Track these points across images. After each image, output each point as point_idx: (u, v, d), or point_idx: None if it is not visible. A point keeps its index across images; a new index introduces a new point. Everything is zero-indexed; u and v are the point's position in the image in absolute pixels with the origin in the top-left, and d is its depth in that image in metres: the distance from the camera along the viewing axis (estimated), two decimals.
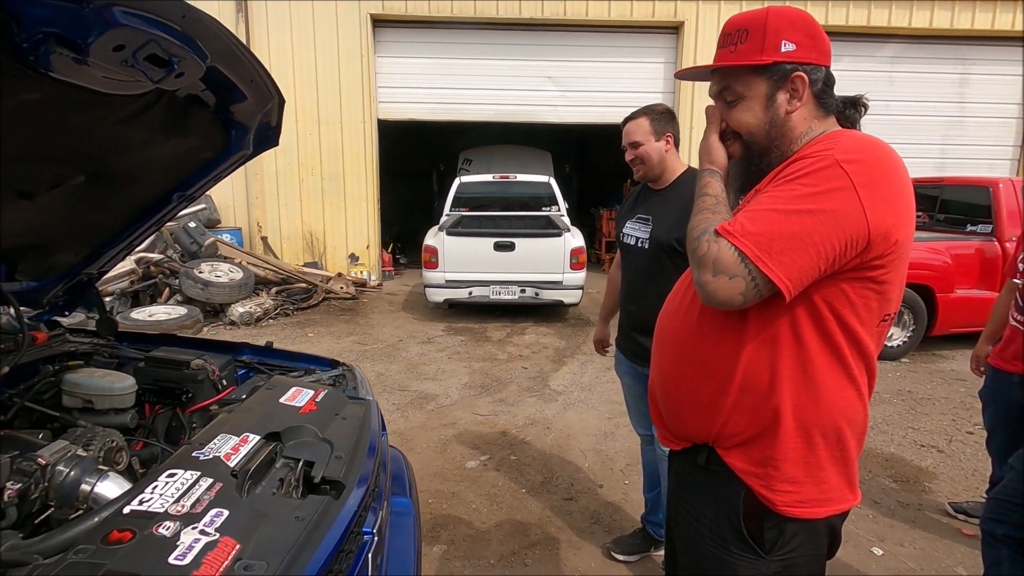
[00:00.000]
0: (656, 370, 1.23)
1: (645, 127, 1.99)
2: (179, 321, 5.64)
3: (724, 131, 1.13)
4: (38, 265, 1.69)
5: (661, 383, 1.19)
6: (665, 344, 1.18)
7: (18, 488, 1.04)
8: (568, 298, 6.44)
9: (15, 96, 1.03)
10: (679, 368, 1.12)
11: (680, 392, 1.12)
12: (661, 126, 1.99)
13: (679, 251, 1.93)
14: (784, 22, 1.03)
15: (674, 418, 1.17)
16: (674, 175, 2.04)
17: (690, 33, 8.43)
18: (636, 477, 3.01)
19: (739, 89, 1.07)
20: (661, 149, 2.00)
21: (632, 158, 2.04)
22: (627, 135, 2.04)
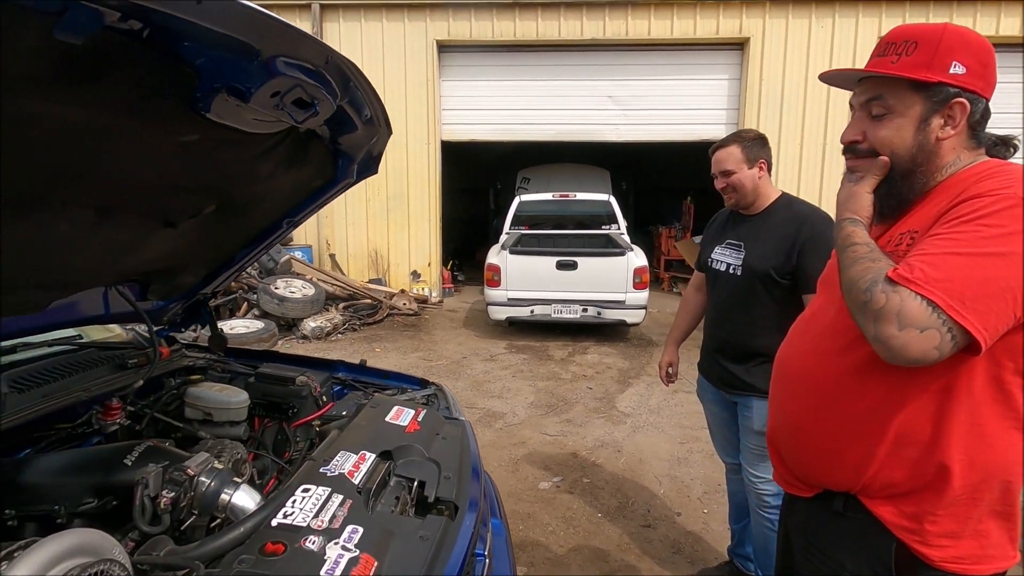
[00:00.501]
0: (781, 413, 1.17)
1: (737, 155, 1.95)
2: (257, 335, 5.94)
3: (857, 144, 1.05)
4: (166, 286, 1.84)
5: (790, 428, 1.14)
6: (797, 387, 1.12)
7: (172, 497, 1.12)
8: (631, 318, 6.36)
9: (179, 137, 1.14)
10: (817, 414, 1.06)
11: (818, 439, 1.06)
12: (754, 152, 1.96)
13: (775, 280, 1.89)
14: (959, 42, 0.95)
15: (806, 465, 1.11)
16: (767, 201, 2.00)
17: (756, 49, 8.27)
18: (715, 506, 2.91)
19: (891, 102, 0.99)
20: (754, 176, 1.96)
21: (724, 186, 2.00)
22: (717, 163, 2.00)
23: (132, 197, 1.28)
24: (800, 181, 8.42)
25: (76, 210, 1.18)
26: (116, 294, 1.70)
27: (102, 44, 0.81)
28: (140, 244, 1.48)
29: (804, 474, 1.12)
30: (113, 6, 0.74)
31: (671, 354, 2.45)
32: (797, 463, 1.13)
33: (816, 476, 1.09)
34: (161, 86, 0.96)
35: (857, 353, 0.99)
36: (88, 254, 1.34)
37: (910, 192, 1.01)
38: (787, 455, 1.16)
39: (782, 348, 1.23)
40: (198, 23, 0.81)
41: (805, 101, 8.28)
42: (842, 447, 1.02)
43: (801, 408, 1.10)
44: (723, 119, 8.65)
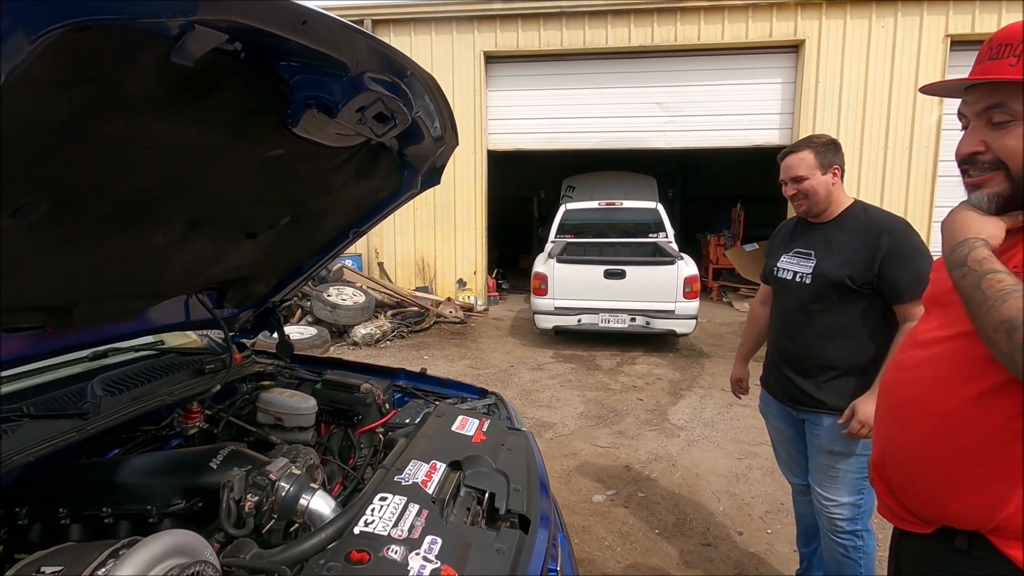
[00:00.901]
0: (892, 442, 1.08)
1: (810, 160, 1.87)
2: (311, 341, 6.12)
3: (978, 156, 0.96)
4: (241, 294, 1.91)
5: (903, 458, 1.05)
6: (912, 414, 1.03)
7: (255, 500, 1.15)
8: (681, 328, 6.21)
9: (266, 152, 1.18)
10: (939, 445, 0.98)
11: (938, 473, 0.98)
12: (827, 158, 1.88)
13: (851, 289, 1.80)
14: None
15: (923, 499, 1.03)
16: (840, 208, 1.92)
17: (811, 51, 8.00)
18: (779, 526, 2.79)
19: (1017, 108, 0.89)
20: (828, 183, 1.88)
21: (794, 193, 1.92)
22: (788, 169, 1.92)
23: (220, 210, 1.33)
24: (860, 187, 8.07)
25: (171, 223, 1.24)
26: (196, 302, 1.78)
27: (210, 66, 0.85)
28: (223, 254, 1.54)
29: (920, 509, 1.04)
30: (224, 29, 0.78)
31: (740, 370, 2.36)
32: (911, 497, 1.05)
33: (935, 512, 1.01)
34: (258, 104, 1.00)
35: (989, 382, 0.90)
36: (177, 264, 1.41)
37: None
38: (899, 487, 1.07)
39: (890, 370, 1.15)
40: (300, 42, 0.84)
41: (865, 104, 7.95)
42: (970, 483, 0.94)
43: (918, 438, 1.01)
44: (776, 124, 8.39)
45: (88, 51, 0.66)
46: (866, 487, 1.85)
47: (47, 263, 1.04)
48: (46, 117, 0.70)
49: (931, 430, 0.99)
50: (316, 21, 0.81)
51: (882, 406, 1.14)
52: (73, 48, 0.63)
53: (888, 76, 7.90)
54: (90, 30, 0.63)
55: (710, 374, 5.60)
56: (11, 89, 0.60)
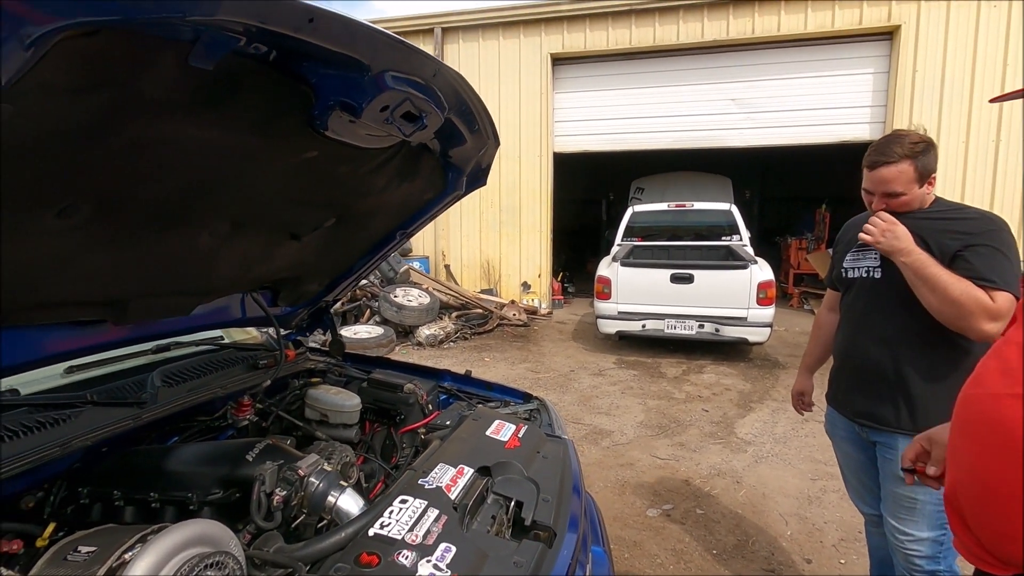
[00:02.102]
0: (968, 469, 0.94)
1: (909, 175, 1.60)
2: (377, 340, 6.33)
3: None
4: (293, 293, 1.98)
5: (981, 488, 0.91)
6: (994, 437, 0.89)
7: (284, 495, 1.18)
8: (754, 336, 5.86)
9: (300, 155, 1.21)
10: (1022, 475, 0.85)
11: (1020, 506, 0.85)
12: (927, 167, 1.62)
13: None
14: None
15: (1000, 537, 0.89)
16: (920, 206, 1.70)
17: (908, 38, 7.33)
18: (855, 557, 2.55)
19: None
20: (923, 195, 1.65)
21: (883, 207, 1.67)
22: (882, 183, 1.65)
23: (262, 211, 1.38)
24: (966, 184, 7.29)
25: (214, 224, 1.30)
26: (251, 300, 1.87)
27: (230, 68, 0.87)
28: (270, 254, 1.60)
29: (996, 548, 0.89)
30: (238, 32, 0.79)
31: (803, 382, 2.17)
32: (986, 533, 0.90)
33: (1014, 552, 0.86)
34: (282, 105, 1.02)
35: None
36: (225, 263, 1.48)
37: None
38: (974, 522, 0.92)
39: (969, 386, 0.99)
40: (313, 42, 0.84)
41: (972, 93, 7.17)
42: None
43: (1002, 466, 0.86)
44: (867, 117, 7.76)
45: (101, 56, 0.68)
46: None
47: (97, 261, 1.11)
48: (68, 122, 0.74)
49: (1010, 455, 0.84)
50: (324, 19, 0.81)
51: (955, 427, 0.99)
52: (84, 53, 0.66)
53: (1002, 60, 7.08)
54: (100, 35, 0.65)
55: (785, 386, 5.24)
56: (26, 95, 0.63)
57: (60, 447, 1.18)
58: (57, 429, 1.21)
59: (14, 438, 1.14)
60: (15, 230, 0.89)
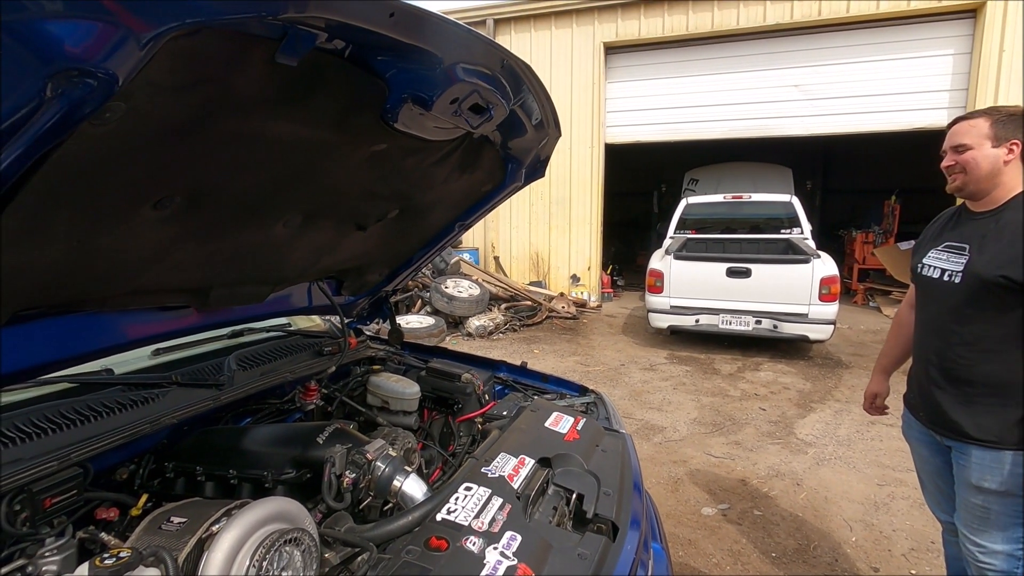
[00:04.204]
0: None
1: (982, 128, 1.55)
2: (429, 330, 6.44)
3: None
4: (356, 283, 2.04)
5: None
6: None
7: (353, 477, 1.22)
8: (815, 334, 5.61)
9: (370, 147, 1.24)
10: None
11: None
12: (1007, 130, 1.53)
13: (1012, 290, 1.48)
14: None
15: None
16: (1009, 194, 1.57)
17: (995, 16, 6.77)
18: (927, 568, 2.42)
19: None
20: (998, 158, 1.54)
21: (951, 164, 1.61)
22: (953, 136, 1.61)
23: (332, 203, 1.43)
24: None
25: (289, 215, 1.35)
26: (317, 289, 1.94)
27: (312, 64, 0.90)
28: (336, 245, 1.65)
29: None
30: (320, 28, 0.81)
31: (878, 384, 2.05)
32: None
33: None
34: (359, 100, 1.05)
35: None
36: (297, 254, 1.54)
37: None
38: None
39: None
40: (390, 36, 0.86)
41: None
42: None
43: None
44: (945, 102, 7.24)
45: (201, 55, 0.72)
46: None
47: (186, 250, 1.17)
48: (171, 117, 0.78)
49: None
50: (403, 14, 0.82)
51: None
52: (186, 53, 0.69)
53: None
54: (200, 34, 0.69)
55: (848, 387, 5.00)
56: (135, 93, 0.67)
57: (150, 424, 1.26)
58: (147, 407, 1.29)
59: (110, 414, 1.22)
60: (115, 220, 0.96)
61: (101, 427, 1.18)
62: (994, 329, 1.54)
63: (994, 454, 1.54)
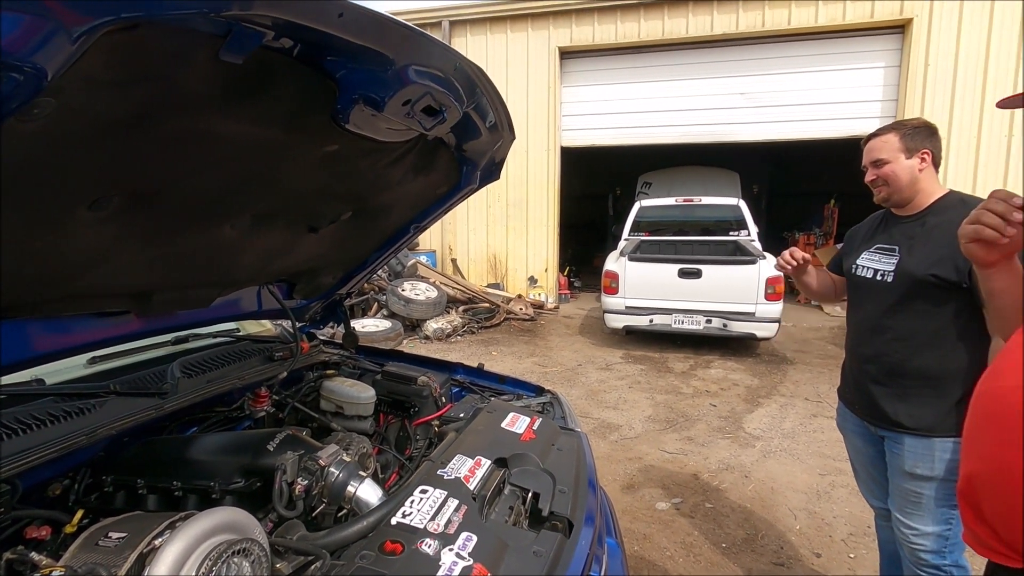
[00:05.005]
0: (990, 460, 0.95)
1: (893, 143, 1.70)
2: (385, 333, 6.35)
3: None
4: (309, 286, 2.00)
5: (1000, 478, 0.93)
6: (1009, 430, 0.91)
7: (305, 484, 1.20)
8: (761, 331, 5.86)
9: (322, 148, 1.22)
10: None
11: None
12: (915, 142, 1.68)
13: (940, 289, 1.60)
14: None
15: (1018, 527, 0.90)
16: (929, 199, 1.70)
17: (920, 32, 7.25)
18: (865, 551, 2.56)
19: None
20: (913, 168, 1.68)
21: (873, 179, 1.75)
22: (869, 152, 1.76)
23: (283, 205, 1.40)
24: (977, 180, 7.23)
25: (238, 217, 1.32)
26: (267, 293, 1.88)
27: (259, 63, 0.88)
28: (288, 248, 1.61)
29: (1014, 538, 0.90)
30: (267, 26, 0.80)
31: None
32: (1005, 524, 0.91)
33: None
34: (308, 100, 1.03)
35: None
36: (246, 256, 1.49)
37: None
38: (991, 513, 0.94)
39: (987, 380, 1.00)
40: (340, 36, 0.85)
41: (985, 87, 7.10)
42: None
43: (1013, 456, 0.88)
44: (877, 112, 7.69)
45: (140, 50, 0.70)
46: (955, 516, 1.64)
47: (126, 253, 1.12)
48: (108, 114, 0.75)
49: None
50: (353, 14, 0.82)
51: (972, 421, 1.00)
52: (124, 48, 0.67)
53: (1015, 55, 7.00)
54: (139, 29, 0.66)
55: (793, 381, 5.24)
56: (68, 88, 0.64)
57: (86, 436, 1.20)
58: (82, 418, 1.23)
59: (41, 427, 1.16)
60: (47, 221, 0.91)
61: (30, 441, 1.12)
62: (926, 324, 1.65)
63: (926, 442, 1.65)
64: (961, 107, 7.23)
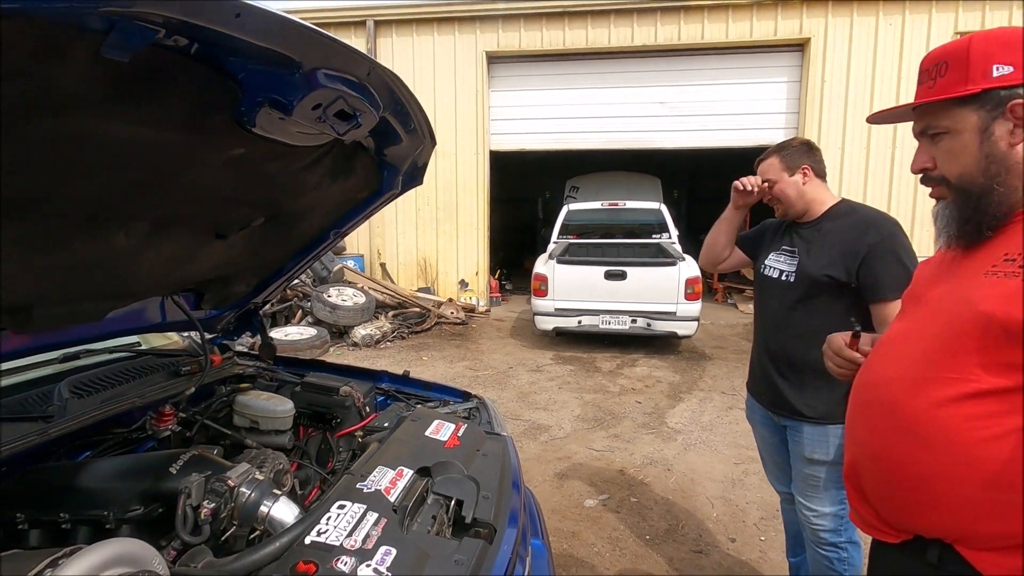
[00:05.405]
0: (865, 446, 1.05)
1: (776, 165, 1.90)
2: (310, 342, 6.12)
3: (928, 171, 1.02)
4: (219, 295, 1.89)
5: (874, 462, 1.02)
6: (883, 418, 1.00)
7: (212, 507, 1.13)
8: (682, 330, 6.15)
9: (226, 151, 1.16)
10: (907, 449, 0.95)
11: (907, 477, 0.95)
12: (794, 160, 1.87)
13: (834, 287, 1.75)
14: (995, 45, 0.92)
15: (893, 506, 0.99)
16: (823, 208, 1.88)
17: (817, 50, 7.90)
18: (773, 533, 2.74)
19: (944, 124, 0.97)
20: (797, 184, 1.88)
21: (769, 198, 1.95)
22: (761, 175, 1.95)
23: (185, 210, 1.31)
24: (867, 188, 7.96)
25: (133, 224, 1.22)
26: (172, 303, 1.76)
27: (150, 61, 0.82)
28: (193, 255, 1.52)
29: (891, 516, 1.00)
30: (157, 22, 0.75)
31: None
32: (883, 504, 1.01)
33: (905, 519, 0.98)
34: (208, 101, 0.97)
35: (958, 385, 0.88)
36: (144, 266, 1.39)
37: (996, 209, 0.92)
38: (871, 494, 1.04)
39: (862, 372, 1.11)
40: (238, 36, 0.81)
41: (872, 103, 7.84)
42: (938, 488, 0.90)
43: (888, 442, 0.98)
44: (782, 123, 8.31)
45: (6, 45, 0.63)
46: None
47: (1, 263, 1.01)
48: None
49: (899, 432, 0.96)
50: (252, 15, 0.78)
51: (852, 409, 1.11)
52: None
53: (896, 74, 7.80)
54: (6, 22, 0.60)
55: (711, 376, 5.53)
56: None
57: None
58: None
59: None
60: None
61: None
62: (821, 321, 1.78)
63: (822, 429, 1.80)
64: (852, 121, 7.94)
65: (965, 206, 0.96)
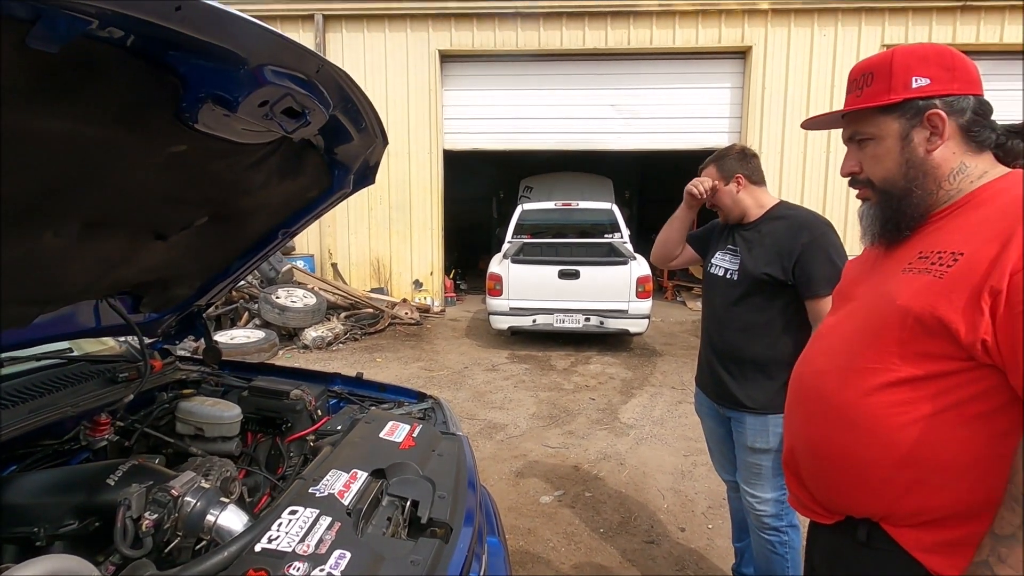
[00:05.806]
0: (800, 434, 1.12)
1: (712, 174, 2.02)
2: (258, 345, 5.91)
3: (856, 175, 1.10)
4: (159, 298, 1.81)
5: (809, 449, 1.09)
6: (815, 407, 1.07)
7: (155, 519, 1.08)
8: (634, 327, 6.30)
9: (166, 148, 1.11)
10: (838, 436, 1.01)
11: (838, 462, 1.01)
12: (728, 168, 1.98)
13: (772, 285, 1.86)
14: (914, 58, 1.00)
15: (826, 489, 1.06)
16: (761, 210, 1.98)
17: (758, 58, 8.27)
18: (720, 522, 2.85)
19: (869, 130, 1.05)
20: (732, 192, 1.99)
21: (712, 204, 2.05)
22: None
23: (121, 209, 1.25)
24: (804, 189, 8.38)
25: (63, 224, 1.15)
26: (108, 307, 1.67)
27: (83, 53, 0.79)
28: (130, 257, 1.45)
29: (825, 498, 1.07)
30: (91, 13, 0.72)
31: None
32: (818, 487, 1.08)
33: (836, 500, 1.05)
34: (146, 96, 0.94)
35: (880, 375, 0.94)
36: (76, 268, 1.31)
37: (914, 211, 1.00)
38: (807, 479, 1.10)
39: (798, 365, 1.18)
40: (177, 30, 0.78)
41: (808, 109, 8.26)
42: (864, 470, 0.97)
43: (821, 429, 1.05)
44: (726, 128, 8.64)
45: None
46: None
47: None
48: None
49: (830, 420, 1.03)
50: (193, 8, 0.76)
51: (790, 399, 1.18)
52: None
53: (830, 82, 8.25)
54: None
55: (662, 372, 5.70)
56: None
57: None
58: None
59: None
60: None
61: None
62: (760, 316, 1.90)
63: (762, 419, 1.90)
64: (791, 126, 8.34)
65: (887, 207, 1.04)
